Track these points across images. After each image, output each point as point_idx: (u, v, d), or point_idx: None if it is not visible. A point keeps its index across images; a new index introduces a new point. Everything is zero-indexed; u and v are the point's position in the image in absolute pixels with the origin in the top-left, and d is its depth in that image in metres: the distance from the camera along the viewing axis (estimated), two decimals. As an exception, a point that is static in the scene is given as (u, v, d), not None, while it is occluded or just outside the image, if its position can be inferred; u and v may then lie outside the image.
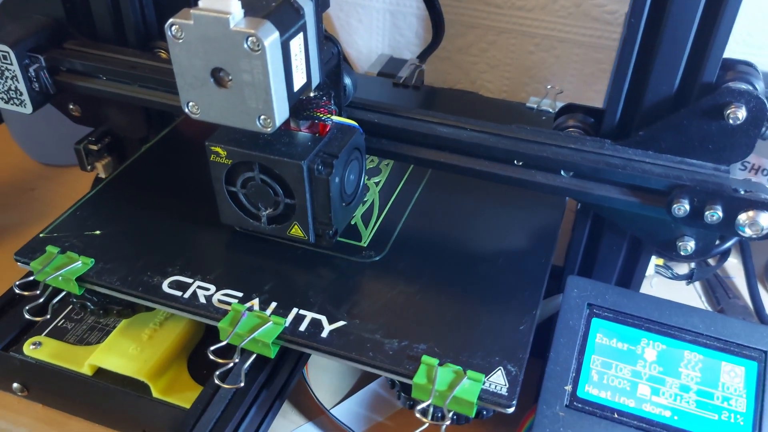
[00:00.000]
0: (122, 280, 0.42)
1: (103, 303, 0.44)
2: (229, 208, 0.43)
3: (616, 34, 0.69)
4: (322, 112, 0.40)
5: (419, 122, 0.43)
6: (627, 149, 0.40)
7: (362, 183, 0.45)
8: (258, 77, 0.34)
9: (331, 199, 0.41)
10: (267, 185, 0.41)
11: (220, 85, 0.35)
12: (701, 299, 0.58)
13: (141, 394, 0.42)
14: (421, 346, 0.38)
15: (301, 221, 0.42)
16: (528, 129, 0.42)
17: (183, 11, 0.34)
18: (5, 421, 0.46)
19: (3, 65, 0.47)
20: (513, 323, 0.40)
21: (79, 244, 0.44)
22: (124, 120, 0.53)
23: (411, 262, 0.44)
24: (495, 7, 0.72)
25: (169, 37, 0.34)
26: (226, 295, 0.41)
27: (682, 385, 0.39)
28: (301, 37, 0.36)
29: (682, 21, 0.37)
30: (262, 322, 0.39)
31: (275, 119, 0.35)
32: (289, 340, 0.39)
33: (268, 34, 0.33)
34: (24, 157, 0.71)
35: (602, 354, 0.40)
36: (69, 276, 0.42)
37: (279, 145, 0.41)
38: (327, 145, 0.41)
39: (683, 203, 0.38)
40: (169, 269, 0.43)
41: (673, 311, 0.41)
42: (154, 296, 0.41)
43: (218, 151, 0.41)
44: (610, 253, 0.46)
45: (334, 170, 0.40)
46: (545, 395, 0.39)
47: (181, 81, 0.36)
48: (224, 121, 0.37)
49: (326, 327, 0.39)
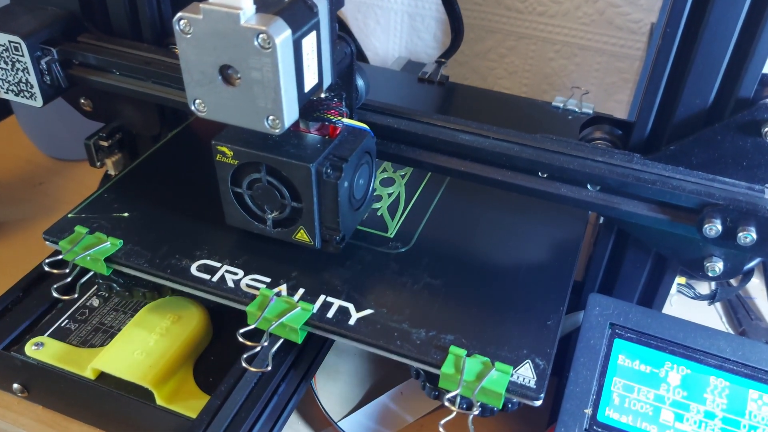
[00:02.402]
0: (150, 262, 0.42)
1: (129, 284, 0.45)
2: (234, 209, 0.42)
3: (641, 44, 0.67)
4: (333, 114, 0.39)
5: (439, 128, 0.42)
6: (657, 164, 0.38)
7: (372, 188, 0.44)
8: (268, 76, 0.33)
9: (339, 204, 0.40)
10: (274, 187, 0.40)
11: (229, 82, 0.34)
12: (722, 320, 0.56)
13: (144, 400, 0.41)
14: (448, 337, 0.38)
15: (308, 226, 0.41)
16: (554, 139, 0.40)
17: (192, 5, 0.33)
18: (5, 421, 0.45)
19: (14, 57, 0.46)
20: (540, 318, 0.40)
21: (107, 225, 0.45)
22: (137, 116, 0.51)
23: (437, 255, 0.44)
24: (516, 12, 0.70)
25: (177, 31, 0.33)
26: (254, 280, 0.41)
27: (707, 412, 0.37)
28: (314, 36, 0.34)
29: (720, 33, 0.35)
30: (290, 307, 0.39)
31: (284, 120, 0.34)
32: (317, 326, 0.39)
33: (280, 32, 0.32)
34: (34, 151, 0.70)
35: (624, 376, 0.39)
36: (97, 256, 0.42)
37: (287, 146, 0.39)
38: (337, 148, 0.40)
39: (715, 223, 0.36)
40: (197, 253, 0.43)
41: (699, 334, 0.40)
42: (183, 278, 0.41)
43: (224, 151, 0.40)
44: (634, 270, 0.44)
45: (343, 174, 0.39)
46: (564, 417, 0.37)
47: (188, 77, 0.35)
48: (231, 120, 0.35)
49: (354, 315, 0.39)
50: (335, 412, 0.47)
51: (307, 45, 0.34)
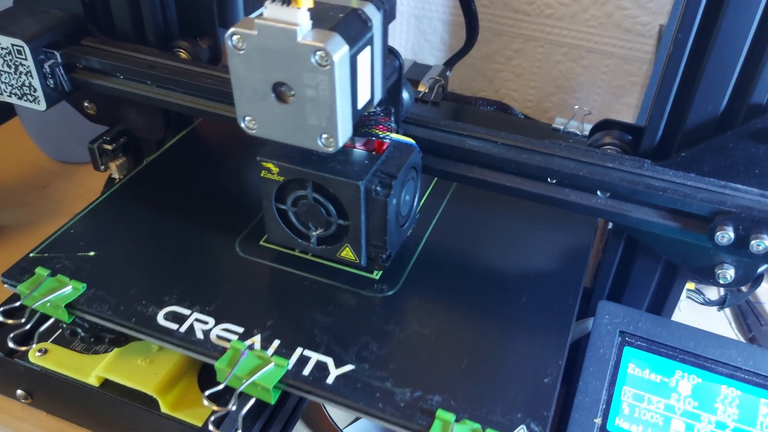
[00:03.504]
0: (114, 309, 0.39)
1: (94, 330, 0.42)
2: (277, 226, 0.41)
3: (649, 47, 0.67)
4: (381, 129, 0.38)
5: (447, 134, 0.42)
6: (668, 171, 0.38)
7: (416, 204, 0.43)
8: (323, 93, 0.31)
9: (387, 222, 0.38)
10: (320, 204, 0.39)
11: (281, 100, 0.33)
12: (731, 325, 0.55)
13: (149, 408, 0.41)
14: (435, 398, 0.35)
15: (354, 243, 0.40)
16: (563, 145, 0.40)
17: (246, 20, 0.32)
18: (8, 428, 0.45)
19: (17, 60, 0.45)
20: (537, 374, 0.37)
21: (71, 266, 0.42)
22: (141, 120, 0.51)
23: (426, 296, 0.42)
24: (523, 14, 0.70)
25: (230, 47, 0.32)
26: (225, 330, 0.38)
27: (719, 422, 0.37)
28: (368, 51, 0.33)
29: (732, 39, 0.34)
30: (263, 363, 0.36)
31: (338, 139, 0.33)
32: (292, 385, 0.36)
33: (338, 48, 0.30)
34: (37, 153, 0.70)
35: (634, 385, 0.38)
36: (58, 302, 0.39)
37: (334, 162, 0.38)
38: (384, 164, 0.39)
39: (727, 231, 0.36)
40: (166, 298, 0.40)
41: (710, 343, 0.39)
42: (148, 328, 0.38)
43: (270, 167, 0.39)
44: (643, 277, 0.44)
45: (392, 191, 0.37)
46: (573, 427, 0.37)
47: (239, 94, 0.34)
48: (283, 138, 0.34)
49: (332, 371, 0.36)
50: (341, 419, 0.47)
51: (362, 61, 0.33)
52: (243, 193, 0.50)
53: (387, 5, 0.34)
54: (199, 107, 0.46)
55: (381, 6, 0.34)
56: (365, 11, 0.33)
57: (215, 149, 0.56)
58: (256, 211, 0.47)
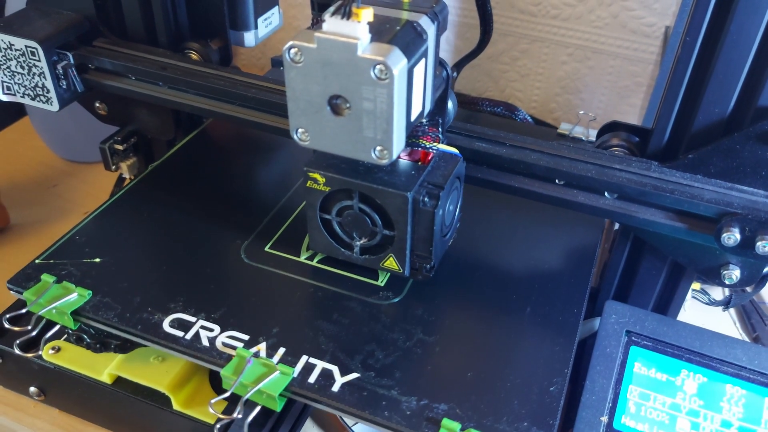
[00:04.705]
0: (120, 316, 0.39)
1: (100, 337, 0.42)
2: (320, 236, 0.41)
3: (654, 47, 0.67)
4: (428, 140, 0.38)
5: (455, 135, 0.42)
6: (675, 172, 0.38)
7: (458, 213, 0.43)
8: (381, 107, 0.31)
9: (433, 233, 0.38)
10: (365, 214, 0.39)
11: (336, 113, 0.33)
12: (735, 325, 0.56)
13: (161, 405, 0.41)
14: (441, 407, 0.35)
15: (398, 254, 0.40)
16: (571, 147, 0.40)
17: (304, 33, 0.31)
18: (21, 425, 0.45)
19: (31, 61, 0.46)
20: (542, 383, 0.37)
21: (77, 272, 0.42)
22: (152, 121, 0.52)
23: (432, 303, 0.41)
24: (529, 15, 0.70)
25: (287, 60, 0.32)
26: (231, 338, 0.38)
27: (724, 421, 0.37)
28: (423, 64, 0.33)
29: (741, 41, 0.35)
30: (268, 371, 0.36)
31: (393, 151, 0.33)
32: (297, 393, 0.36)
33: (397, 62, 0.30)
34: (48, 153, 0.70)
35: (640, 384, 0.39)
36: (64, 309, 0.39)
37: (380, 173, 0.38)
38: (430, 175, 0.39)
39: (734, 232, 0.36)
40: (172, 305, 0.40)
41: (716, 342, 0.40)
42: (154, 336, 0.38)
43: (316, 178, 0.39)
44: (649, 277, 0.44)
45: (439, 202, 0.37)
46: (580, 425, 0.37)
47: (294, 106, 0.34)
48: (335, 150, 0.34)
49: (338, 379, 0.36)
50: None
51: (417, 73, 0.33)
52: (249, 197, 0.50)
53: (440, 17, 0.34)
54: (210, 108, 0.46)
55: (435, 18, 0.34)
56: (420, 23, 0.33)
57: (221, 153, 0.56)
58: (261, 216, 0.48)
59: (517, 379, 0.37)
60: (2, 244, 0.59)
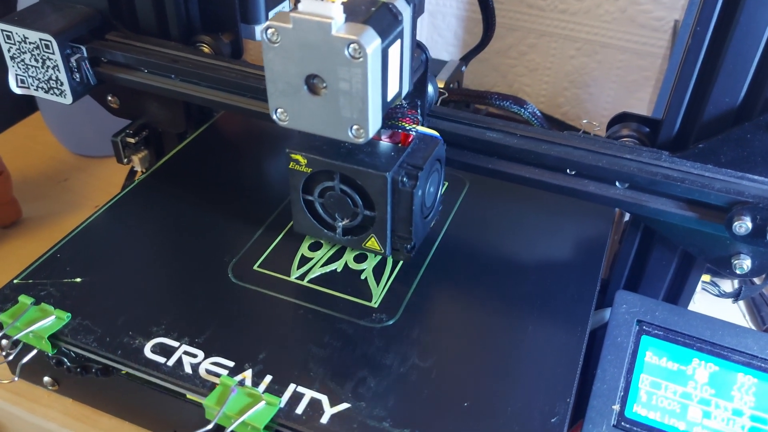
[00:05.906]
0: (100, 341, 0.38)
1: (81, 361, 0.41)
2: (303, 217, 0.42)
3: (663, 41, 0.67)
4: (407, 121, 0.39)
5: (466, 126, 0.42)
6: (685, 162, 0.39)
7: (440, 195, 0.43)
8: (356, 86, 0.32)
9: (413, 213, 0.39)
10: (346, 195, 0.40)
11: (314, 92, 0.34)
12: (745, 318, 0.56)
13: (175, 395, 0.41)
14: None
15: (380, 234, 0.40)
16: (581, 137, 0.40)
17: (281, 14, 0.32)
18: (35, 415, 0.45)
19: (45, 54, 0.46)
20: (543, 414, 0.35)
21: (57, 293, 0.41)
22: (163, 114, 0.52)
23: (428, 325, 0.40)
24: (537, 9, 0.70)
25: (265, 41, 0.33)
26: (215, 364, 0.37)
27: (735, 409, 0.37)
28: (399, 45, 0.34)
29: (751, 31, 0.35)
30: (253, 401, 0.34)
31: (369, 129, 0.33)
32: (284, 425, 0.34)
33: (371, 41, 0.31)
34: (58, 147, 0.71)
35: (652, 373, 0.39)
36: (41, 333, 0.38)
37: (361, 155, 0.39)
38: (410, 156, 0.39)
39: (745, 221, 0.36)
40: (154, 328, 0.39)
41: (727, 331, 0.40)
42: (134, 362, 0.37)
43: (298, 159, 0.39)
44: (660, 267, 0.44)
45: (418, 182, 0.38)
46: (591, 414, 0.37)
47: (272, 87, 0.34)
48: (314, 130, 0.35)
49: (327, 410, 0.35)
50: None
51: (392, 54, 0.33)
52: (245, 203, 0.49)
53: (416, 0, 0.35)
54: (222, 100, 0.46)
55: (411, 1, 0.34)
56: (396, 5, 0.33)
57: (228, 149, 0.55)
58: (250, 232, 0.46)
59: (516, 408, 0.35)
60: (14, 237, 0.60)
